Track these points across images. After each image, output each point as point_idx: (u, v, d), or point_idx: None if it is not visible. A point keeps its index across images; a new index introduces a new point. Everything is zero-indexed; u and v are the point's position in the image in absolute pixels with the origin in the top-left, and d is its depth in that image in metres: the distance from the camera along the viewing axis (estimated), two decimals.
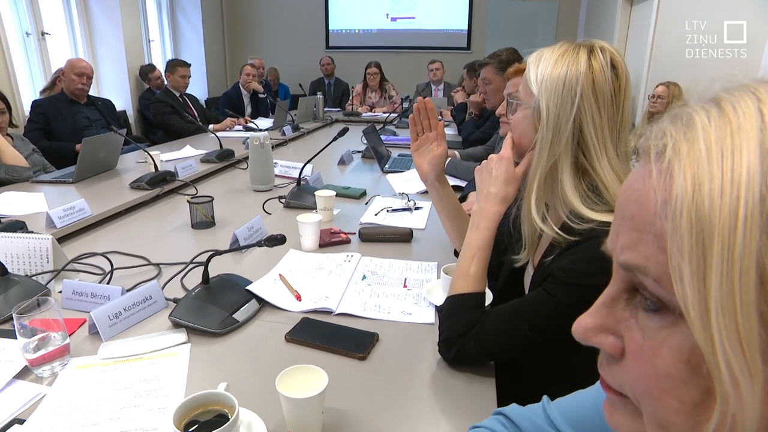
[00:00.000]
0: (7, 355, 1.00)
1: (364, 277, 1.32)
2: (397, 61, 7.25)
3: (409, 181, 2.31)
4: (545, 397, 0.75)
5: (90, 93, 3.69)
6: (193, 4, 6.89)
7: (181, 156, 2.94)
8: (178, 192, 2.28)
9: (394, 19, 7.67)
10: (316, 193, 1.76)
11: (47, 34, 4.87)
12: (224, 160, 2.74)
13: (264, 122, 4.34)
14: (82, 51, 5.36)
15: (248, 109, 4.98)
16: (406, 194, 2.02)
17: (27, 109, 4.31)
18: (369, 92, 5.77)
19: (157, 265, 1.47)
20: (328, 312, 1.16)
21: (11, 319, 1.14)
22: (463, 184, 2.26)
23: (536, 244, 1.08)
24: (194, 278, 1.35)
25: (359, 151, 3.04)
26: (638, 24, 5.07)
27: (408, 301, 1.22)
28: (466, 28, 7.51)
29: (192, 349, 1.02)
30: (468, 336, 0.94)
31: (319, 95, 4.76)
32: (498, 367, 1.00)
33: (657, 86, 3.83)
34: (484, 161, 1.10)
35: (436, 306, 1.18)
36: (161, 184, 2.21)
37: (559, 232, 0.92)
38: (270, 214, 1.91)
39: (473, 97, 3.69)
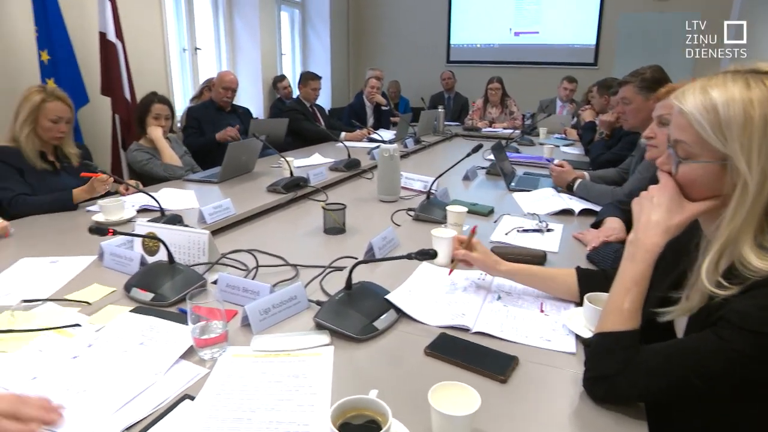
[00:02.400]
0: (174, 337, 1.11)
1: (498, 298, 1.30)
2: (519, 77, 7.11)
3: (538, 201, 2.23)
4: None
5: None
6: (323, 20, 7.30)
7: (311, 163, 3.11)
8: (309, 197, 2.41)
9: (517, 34, 7.55)
10: (447, 208, 1.77)
11: (199, 49, 5.42)
12: (351, 169, 2.85)
13: (385, 134, 4.46)
14: (225, 63, 5.90)
15: (370, 121, 5.15)
16: (537, 215, 1.95)
17: (178, 115, 4.83)
18: (489, 107, 5.71)
19: (295, 266, 1.55)
20: (465, 329, 1.14)
21: (177, 302, 1.28)
22: (594, 207, 2.15)
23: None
24: (329, 281, 1.42)
25: (483, 168, 3.00)
26: None
27: (546, 327, 1.17)
28: (593, 43, 7.18)
29: (335, 352, 1.06)
30: (621, 377, 0.88)
31: (441, 109, 4.80)
32: (649, 409, 0.92)
33: None
34: (644, 192, 1.02)
35: (577, 335, 1.12)
36: (295, 189, 2.34)
37: (723, 281, 0.84)
38: (399, 225, 1.94)
39: (605, 117, 3.50)
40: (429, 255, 1.10)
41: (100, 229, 1.31)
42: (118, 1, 3.78)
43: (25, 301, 1.30)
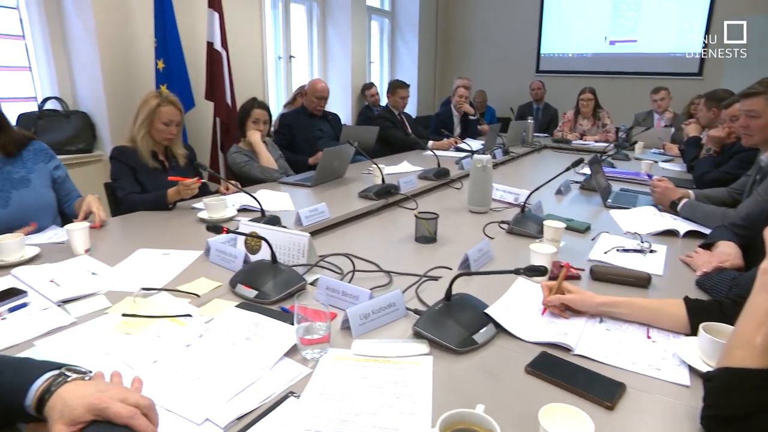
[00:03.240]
0: (278, 334, 1.16)
1: (601, 320, 1.24)
2: (612, 87, 6.80)
3: (639, 219, 2.12)
4: None
5: None
6: (412, 29, 7.38)
7: (400, 171, 3.14)
8: (399, 205, 2.43)
9: (612, 43, 7.22)
10: (545, 222, 1.72)
11: (293, 57, 5.66)
12: (441, 178, 2.85)
13: (472, 144, 4.42)
14: (317, 71, 6.11)
15: (457, 130, 5.13)
16: (638, 234, 1.86)
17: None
18: (581, 119, 5.49)
19: (388, 273, 1.57)
20: (566, 349, 1.11)
21: (279, 301, 1.34)
22: (702, 229, 2.00)
23: None
24: (423, 291, 1.42)
25: (576, 182, 2.90)
26: None
27: (654, 355, 1.10)
28: (698, 51, 6.70)
29: (433, 362, 1.06)
30: (752, 420, 0.80)
31: (531, 120, 4.69)
32: None
33: None
34: None
35: (690, 367, 1.05)
36: (386, 196, 2.38)
37: None
38: (493, 238, 1.91)
39: (714, 132, 3.25)
40: (539, 272, 1.07)
41: (216, 227, 1.40)
42: (225, 13, 4.04)
43: (144, 288, 1.41)
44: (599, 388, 0.96)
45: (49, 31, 3.50)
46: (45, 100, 3.51)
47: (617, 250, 1.74)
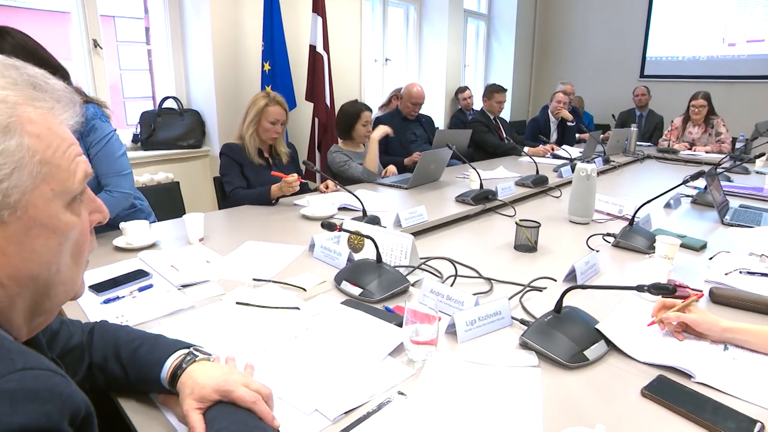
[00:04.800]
0: (383, 333, 1.18)
1: (726, 348, 1.15)
2: (729, 93, 6.25)
3: (765, 240, 1.94)
4: None
5: None
6: (508, 32, 7.23)
7: (496, 176, 3.09)
8: (496, 211, 2.40)
9: (731, 44, 6.62)
10: (658, 238, 1.62)
11: (389, 60, 5.74)
12: (539, 185, 2.77)
13: (570, 151, 4.25)
14: (412, 74, 6.15)
15: (554, 136, 4.96)
16: (767, 256, 1.70)
17: None
18: (690, 127, 5.09)
19: (489, 280, 1.55)
20: (687, 374, 1.04)
21: (382, 300, 1.36)
22: None
23: None
24: (526, 301, 1.39)
25: (688, 196, 2.70)
26: None
27: None
28: None
29: (542, 375, 1.04)
30: None
31: (634, 128, 4.43)
32: None
33: None
34: None
35: None
36: (483, 202, 2.35)
37: None
38: (598, 251, 1.83)
39: None
40: (667, 290, 1.00)
41: (330, 225, 1.45)
42: (328, 16, 4.18)
43: (255, 279, 1.50)
44: (730, 423, 0.89)
45: (171, 36, 3.82)
46: (164, 99, 3.81)
47: (740, 272, 1.60)
